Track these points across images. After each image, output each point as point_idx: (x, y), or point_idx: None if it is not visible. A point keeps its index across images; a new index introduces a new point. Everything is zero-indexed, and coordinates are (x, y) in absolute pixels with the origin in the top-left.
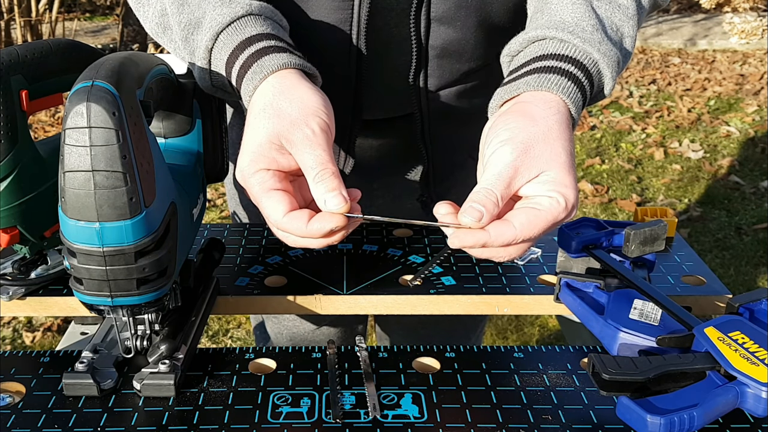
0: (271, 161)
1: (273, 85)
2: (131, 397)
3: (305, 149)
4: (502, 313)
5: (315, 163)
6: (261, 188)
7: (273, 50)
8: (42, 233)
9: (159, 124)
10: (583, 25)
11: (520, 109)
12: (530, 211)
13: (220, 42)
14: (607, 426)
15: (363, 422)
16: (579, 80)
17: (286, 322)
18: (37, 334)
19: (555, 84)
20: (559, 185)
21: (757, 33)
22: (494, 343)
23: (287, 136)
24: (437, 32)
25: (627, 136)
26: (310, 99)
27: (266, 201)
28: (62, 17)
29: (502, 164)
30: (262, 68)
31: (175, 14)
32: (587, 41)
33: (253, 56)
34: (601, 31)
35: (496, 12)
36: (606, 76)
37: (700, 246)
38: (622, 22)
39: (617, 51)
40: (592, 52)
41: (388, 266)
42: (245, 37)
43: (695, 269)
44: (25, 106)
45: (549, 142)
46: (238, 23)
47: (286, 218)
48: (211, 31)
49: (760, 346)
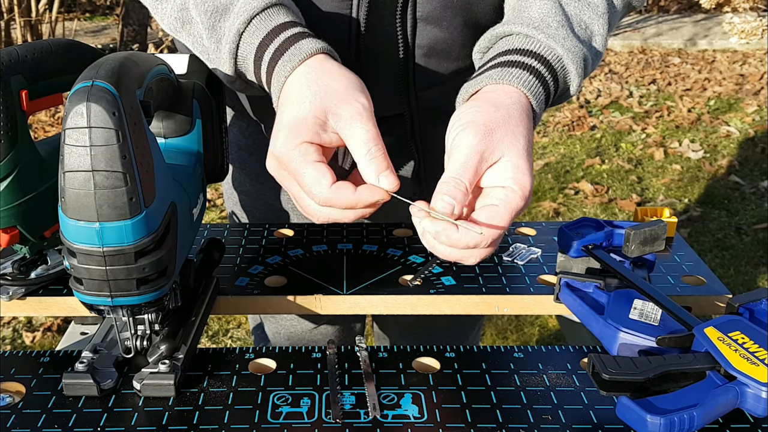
0: (315, 135)
1: (313, 67)
2: (131, 397)
3: (356, 123)
4: (502, 313)
5: (367, 137)
6: (305, 159)
7: (307, 35)
8: (42, 233)
9: (159, 124)
10: (549, 21)
11: (482, 97)
12: (490, 209)
13: (252, 26)
14: (607, 426)
15: (363, 422)
16: (541, 74)
17: (284, 322)
18: (37, 334)
19: (516, 77)
20: (516, 171)
21: (757, 33)
22: (494, 343)
23: (336, 111)
24: (424, 32)
25: (627, 136)
26: (352, 77)
27: (312, 172)
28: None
29: (466, 149)
30: (300, 51)
31: (200, 3)
32: (551, 36)
33: (288, 40)
34: (566, 27)
35: (482, 12)
36: (571, 72)
37: (700, 246)
38: (591, 20)
39: (583, 48)
40: (556, 48)
41: (388, 266)
42: (279, 23)
43: (695, 269)
44: (25, 106)
45: (509, 127)
46: (271, 10)
47: (333, 188)
48: (243, 16)
49: (760, 346)
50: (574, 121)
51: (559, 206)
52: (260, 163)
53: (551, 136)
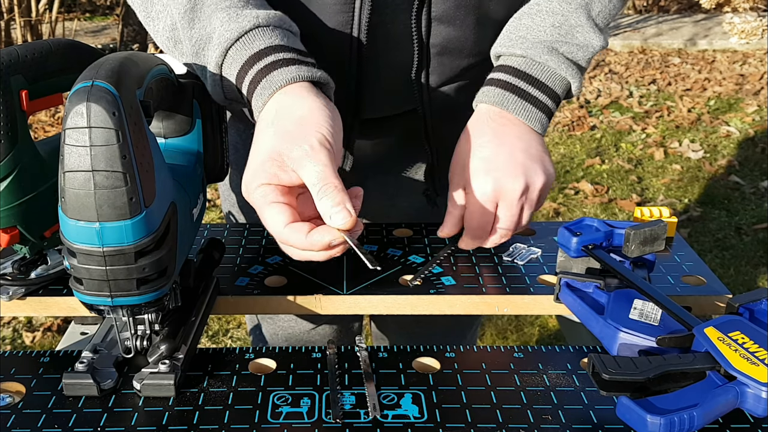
0: (272, 176)
1: (278, 102)
2: (131, 397)
3: (305, 165)
4: (502, 313)
5: (316, 178)
6: (263, 201)
7: (281, 64)
8: (42, 233)
9: (159, 124)
10: (510, 35)
11: (465, 129)
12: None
13: (229, 57)
14: (607, 426)
15: (363, 422)
16: (507, 82)
17: (282, 323)
18: (37, 334)
19: (483, 93)
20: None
21: (757, 33)
22: (494, 343)
23: (287, 153)
24: (437, 31)
25: (627, 136)
26: (311, 114)
27: (267, 213)
28: (62, 17)
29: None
30: (270, 84)
31: (186, 29)
32: (511, 47)
33: (261, 72)
34: (523, 35)
35: (493, 9)
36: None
37: (700, 246)
38: (568, 14)
39: (553, 42)
40: (516, 51)
41: (388, 266)
42: (253, 52)
43: (695, 269)
44: (25, 106)
45: (472, 150)
46: (247, 37)
47: (287, 229)
48: (220, 48)
49: (760, 346)
50: (574, 121)
51: (559, 206)
52: None
53: (551, 136)
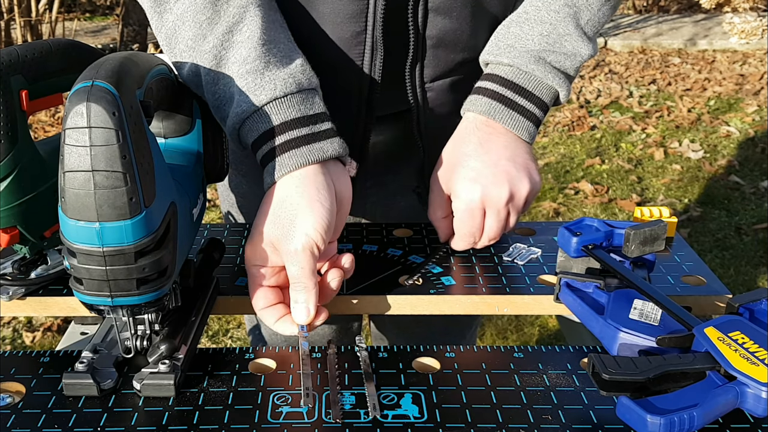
0: (265, 259)
1: (284, 188)
2: (131, 397)
3: (288, 262)
4: (502, 313)
5: (294, 277)
6: (254, 280)
7: (294, 144)
8: (42, 233)
9: (159, 124)
10: (498, 42)
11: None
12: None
13: (245, 127)
14: (607, 426)
15: (363, 422)
16: (492, 91)
17: None
18: (37, 334)
19: (472, 102)
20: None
21: (757, 33)
22: (494, 343)
23: (277, 245)
24: (434, 22)
25: (627, 136)
26: (307, 211)
27: (253, 292)
28: (62, 17)
29: (432, 184)
30: (282, 166)
31: (210, 84)
32: (499, 55)
33: (272, 151)
34: (505, 41)
35: (490, 2)
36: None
37: (700, 246)
38: (555, 20)
39: (537, 47)
40: (503, 59)
41: (388, 266)
42: (268, 128)
43: (695, 269)
44: (25, 106)
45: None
46: (262, 111)
47: (262, 312)
48: (237, 117)
49: (760, 346)
50: (574, 121)
51: (559, 206)
52: (256, 166)
53: (551, 136)
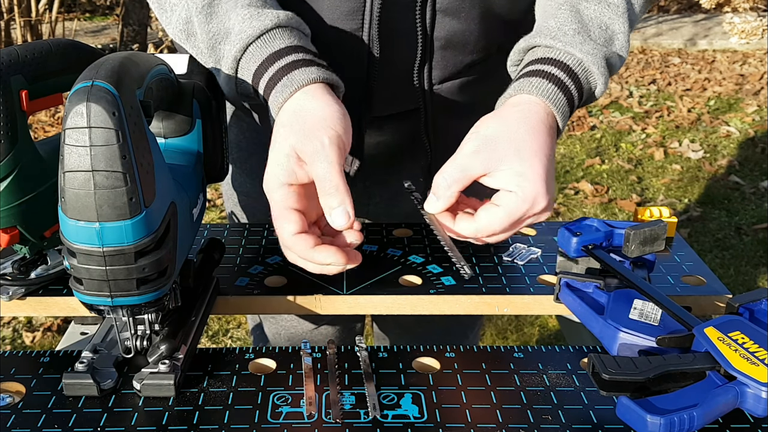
0: (291, 174)
1: (297, 101)
2: (131, 397)
3: (315, 161)
4: (502, 313)
5: (323, 175)
6: (281, 204)
7: (301, 64)
8: (42, 233)
9: (159, 124)
10: (565, 29)
11: (497, 113)
12: (490, 207)
13: (248, 54)
14: (607, 426)
15: (363, 422)
16: (560, 80)
17: (284, 322)
18: (37, 334)
19: (535, 86)
20: (520, 179)
21: (757, 33)
22: (494, 343)
23: (301, 148)
24: (442, 23)
25: (627, 136)
26: (325, 112)
27: (281, 218)
28: (62, 17)
29: (461, 154)
30: (291, 82)
31: (203, 23)
32: (568, 44)
33: (282, 70)
34: (582, 33)
35: (498, 4)
36: (594, 73)
37: (700, 246)
38: (611, 21)
39: (603, 48)
40: (575, 53)
41: (388, 266)
42: (274, 50)
43: (695, 269)
44: (25, 106)
45: (514, 140)
46: (267, 36)
47: (294, 238)
48: (240, 44)
49: (760, 346)
50: (574, 121)
51: (559, 206)
52: (260, 164)
53: None
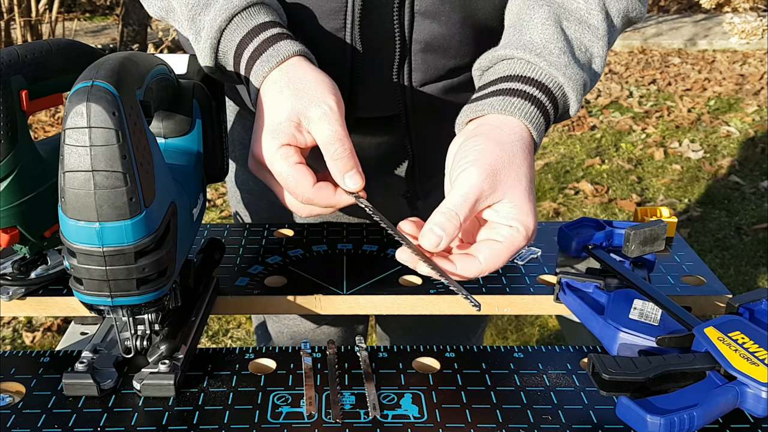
0: (291, 137)
1: (287, 70)
2: (131, 397)
3: (323, 124)
4: (502, 313)
5: (333, 138)
6: (288, 162)
7: (286, 37)
8: (42, 233)
9: (159, 124)
10: (551, 47)
11: (487, 132)
12: (493, 244)
13: (233, 24)
14: (607, 426)
15: (363, 422)
16: (542, 104)
17: (287, 321)
18: (37, 334)
19: (518, 109)
20: (519, 213)
21: (757, 33)
22: (494, 343)
23: (305, 113)
24: (421, 26)
25: (627, 136)
26: (324, 80)
27: (295, 173)
28: (62, 17)
29: (468, 185)
30: (278, 53)
31: None
32: (553, 64)
33: (268, 41)
34: (568, 54)
35: (482, 9)
36: (571, 99)
37: (700, 246)
38: (591, 43)
39: (584, 74)
40: (558, 76)
41: (388, 266)
42: (260, 22)
43: (695, 269)
44: (25, 106)
45: (513, 168)
46: (252, 9)
47: (315, 189)
48: (225, 13)
49: (760, 346)
50: (574, 121)
51: (559, 206)
52: None
53: (551, 136)
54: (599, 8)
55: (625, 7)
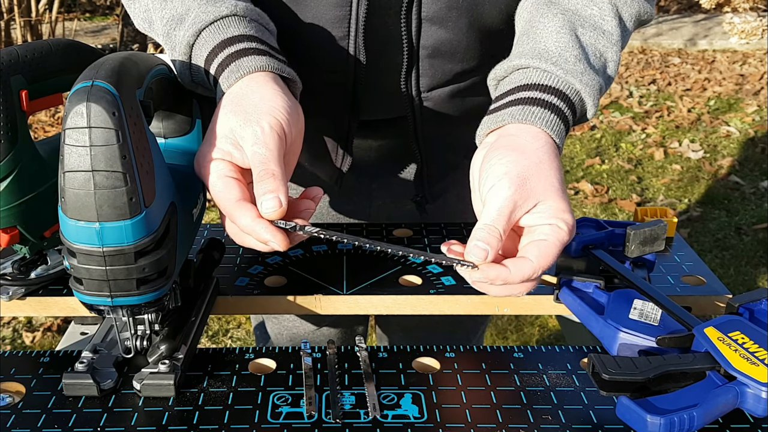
0: (226, 154)
1: (241, 87)
2: (131, 397)
3: (251, 146)
4: (502, 313)
5: (257, 160)
6: (216, 174)
7: (252, 52)
8: (42, 233)
9: (159, 124)
10: (566, 55)
11: (511, 144)
12: (540, 243)
13: (201, 39)
14: (607, 426)
15: (363, 422)
16: (561, 111)
17: (287, 323)
18: (37, 334)
19: (539, 117)
20: (557, 212)
21: (757, 33)
22: (494, 343)
23: (239, 132)
24: (428, 32)
25: (627, 136)
26: (270, 99)
27: (220, 185)
28: (62, 17)
29: (501, 199)
30: (239, 68)
31: (158, 9)
32: (569, 72)
33: (232, 56)
34: (584, 61)
35: (488, 14)
36: (588, 104)
37: (700, 246)
38: (605, 48)
39: (600, 79)
40: (575, 83)
41: (388, 266)
42: (226, 37)
43: (695, 269)
44: (25, 106)
45: (542, 173)
46: (222, 22)
47: (237, 204)
48: (193, 28)
49: (759, 346)
50: None
51: None
52: None
53: None
54: (613, 14)
55: (638, 11)
